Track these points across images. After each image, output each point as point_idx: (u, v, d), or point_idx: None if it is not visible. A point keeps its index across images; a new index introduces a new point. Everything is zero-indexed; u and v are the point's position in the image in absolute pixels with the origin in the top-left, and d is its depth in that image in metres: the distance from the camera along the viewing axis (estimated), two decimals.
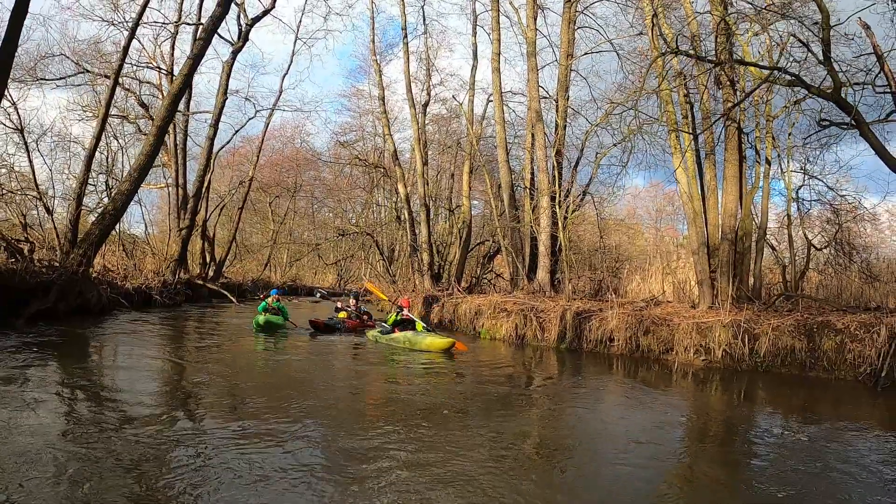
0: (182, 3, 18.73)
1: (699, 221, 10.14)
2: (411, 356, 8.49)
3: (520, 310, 10.70)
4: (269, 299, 11.37)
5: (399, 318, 9.90)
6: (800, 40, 6.94)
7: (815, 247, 12.83)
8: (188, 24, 18.21)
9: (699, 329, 7.94)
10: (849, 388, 6.70)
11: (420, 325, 9.78)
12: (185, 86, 13.18)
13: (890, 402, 6.09)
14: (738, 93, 9.29)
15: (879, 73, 9.52)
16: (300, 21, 25.48)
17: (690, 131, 9.52)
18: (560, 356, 9.18)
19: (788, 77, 7.03)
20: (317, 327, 11.06)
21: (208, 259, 22.96)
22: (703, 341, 7.92)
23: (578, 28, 15.85)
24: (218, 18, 12.30)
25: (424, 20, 20.37)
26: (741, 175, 10.45)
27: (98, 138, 13.10)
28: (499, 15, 16.58)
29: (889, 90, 9.46)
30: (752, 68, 7.38)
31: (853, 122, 7.32)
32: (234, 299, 19.56)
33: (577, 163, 16.85)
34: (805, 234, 12.81)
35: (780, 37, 8.85)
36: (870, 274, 11.58)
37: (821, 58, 6.80)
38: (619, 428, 4.87)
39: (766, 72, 7.78)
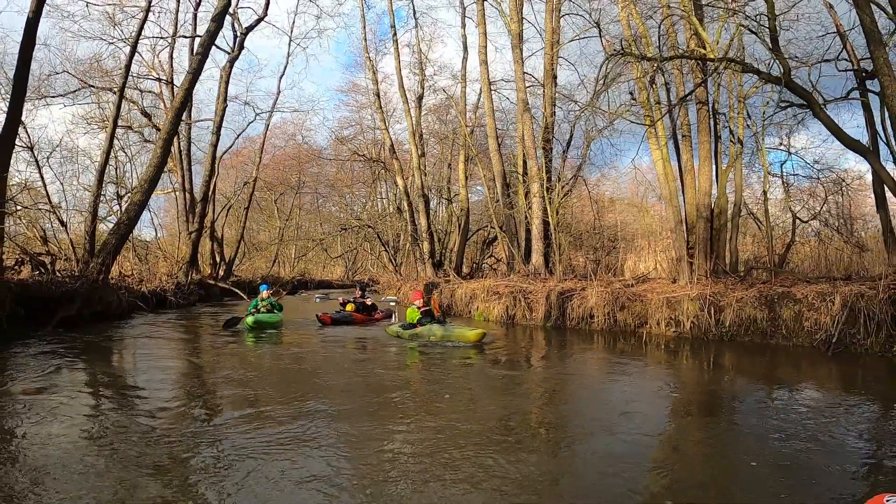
0: (177, 15, 19.29)
1: (675, 201, 10.65)
2: (415, 346, 8.46)
3: (510, 292, 11.31)
4: (259, 296, 10.90)
5: (426, 321, 9.05)
6: (750, 30, 7.38)
7: (800, 220, 13.27)
8: (185, 36, 18.80)
9: (669, 303, 8.51)
10: (806, 353, 7.19)
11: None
12: (187, 99, 13.77)
13: (841, 366, 6.53)
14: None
15: (842, 51, 9.93)
16: (293, 23, 25.79)
17: (649, 121, 9.97)
18: (546, 334, 9.72)
19: (741, 65, 7.48)
20: (324, 322, 11.19)
21: (218, 259, 23.70)
22: (674, 314, 8.48)
23: (564, 15, 16.08)
24: (213, 33, 12.74)
25: (415, 14, 20.61)
26: (716, 155, 10.94)
27: (108, 153, 13.76)
28: (484, 8, 16.89)
29: (852, 68, 9.88)
30: (710, 54, 7.80)
31: (806, 102, 7.76)
32: (244, 296, 20.32)
33: (567, 146, 17.29)
34: (790, 208, 13.23)
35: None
36: (856, 243, 11.98)
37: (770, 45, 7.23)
38: (605, 400, 5.31)
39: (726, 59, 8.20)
